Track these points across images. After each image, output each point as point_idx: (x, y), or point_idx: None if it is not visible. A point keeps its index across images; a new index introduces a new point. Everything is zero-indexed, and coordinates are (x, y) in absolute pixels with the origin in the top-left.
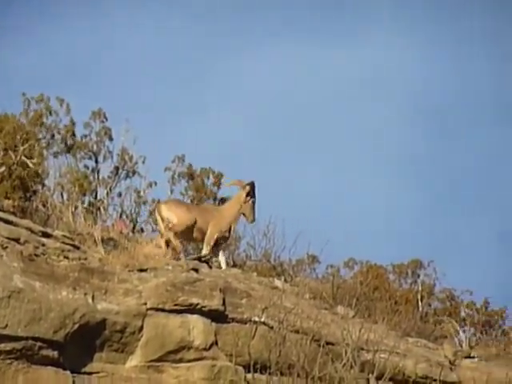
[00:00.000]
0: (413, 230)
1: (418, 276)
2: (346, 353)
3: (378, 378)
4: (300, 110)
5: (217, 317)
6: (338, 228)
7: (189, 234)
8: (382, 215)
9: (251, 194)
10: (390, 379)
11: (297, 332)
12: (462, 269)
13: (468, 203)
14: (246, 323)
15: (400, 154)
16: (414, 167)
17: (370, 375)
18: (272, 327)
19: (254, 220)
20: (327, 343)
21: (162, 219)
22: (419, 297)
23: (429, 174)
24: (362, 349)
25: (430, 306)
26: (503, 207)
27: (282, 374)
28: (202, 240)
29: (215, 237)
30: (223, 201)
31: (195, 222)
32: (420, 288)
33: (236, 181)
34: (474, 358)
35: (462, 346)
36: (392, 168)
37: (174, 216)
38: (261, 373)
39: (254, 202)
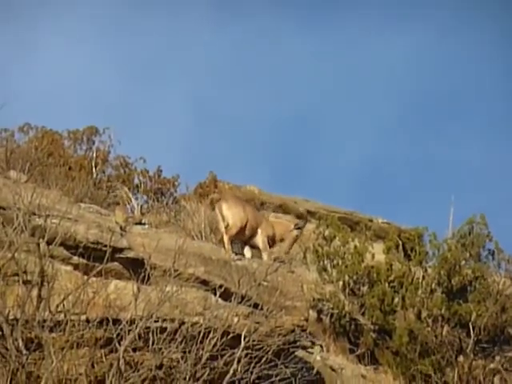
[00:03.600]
0: (92, 97)
1: (94, 143)
2: (17, 217)
3: (49, 243)
4: None
5: None
6: (15, 92)
7: (242, 234)
8: (66, 79)
9: (300, 228)
10: (61, 244)
11: None
12: (138, 137)
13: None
14: None
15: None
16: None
17: (41, 240)
18: None
19: (288, 253)
20: None
21: (223, 218)
22: (94, 163)
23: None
24: (34, 214)
25: (104, 172)
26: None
27: None
28: (250, 238)
29: (267, 240)
30: None
31: (247, 222)
32: (95, 155)
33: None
34: (144, 224)
35: (133, 213)
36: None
37: (230, 216)
38: None
39: (297, 236)
